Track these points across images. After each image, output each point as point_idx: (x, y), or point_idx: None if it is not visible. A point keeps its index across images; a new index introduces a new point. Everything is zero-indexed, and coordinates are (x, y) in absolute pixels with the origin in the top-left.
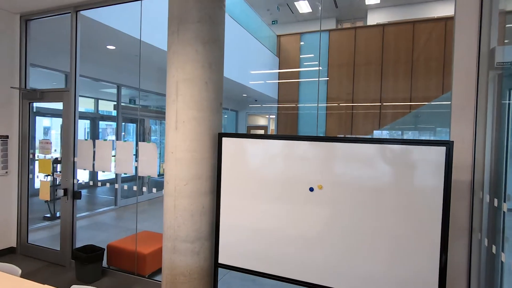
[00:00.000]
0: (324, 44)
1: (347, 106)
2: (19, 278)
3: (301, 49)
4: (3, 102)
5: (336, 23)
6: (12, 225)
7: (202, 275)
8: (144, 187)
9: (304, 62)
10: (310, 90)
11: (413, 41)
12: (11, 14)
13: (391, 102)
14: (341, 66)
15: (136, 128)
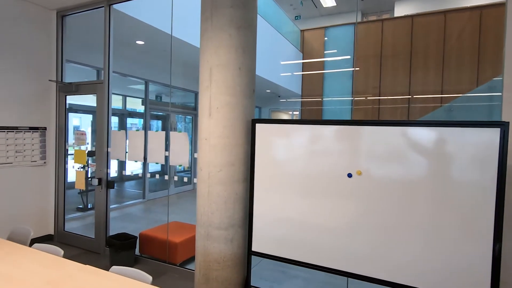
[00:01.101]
0: (350, 37)
1: (374, 100)
2: (62, 258)
3: (325, 44)
4: (41, 95)
5: (362, 17)
6: (50, 213)
7: (235, 262)
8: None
9: (329, 57)
10: (335, 84)
11: (444, 32)
12: (48, 11)
13: (421, 95)
14: (367, 59)
15: (162, 124)
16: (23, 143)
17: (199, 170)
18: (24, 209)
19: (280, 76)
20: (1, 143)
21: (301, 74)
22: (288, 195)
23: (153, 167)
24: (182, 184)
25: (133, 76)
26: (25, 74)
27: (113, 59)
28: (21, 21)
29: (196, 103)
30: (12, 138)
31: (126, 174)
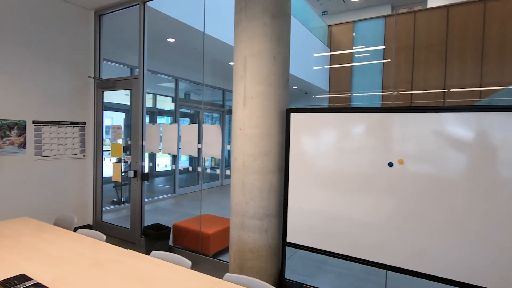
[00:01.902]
0: (379, 31)
1: (405, 95)
2: (105, 243)
3: (354, 39)
4: (81, 91)
5: (392, 10)
6: (88, 204)
7: (270, 252)
8: (207, 169)
9: (357, 52)
10: (364, 79)
11: (483, 22)
12: (87, 11)
13: (457, 88)
14: (398, 52)
15: (190, 122)
16: (65, 137)
17: (233, 160)
18: (65, 199)
19: (307, 72)
20: (46, 137)
21: (328, 70)
22: (324, 186)
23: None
24: (210, 180)
25: (163, 73)
26: (67, 72)
27: (138, 60)
28: (62, 21)
29: (223, 101)
30: (55, 132)
31: (157, 170)
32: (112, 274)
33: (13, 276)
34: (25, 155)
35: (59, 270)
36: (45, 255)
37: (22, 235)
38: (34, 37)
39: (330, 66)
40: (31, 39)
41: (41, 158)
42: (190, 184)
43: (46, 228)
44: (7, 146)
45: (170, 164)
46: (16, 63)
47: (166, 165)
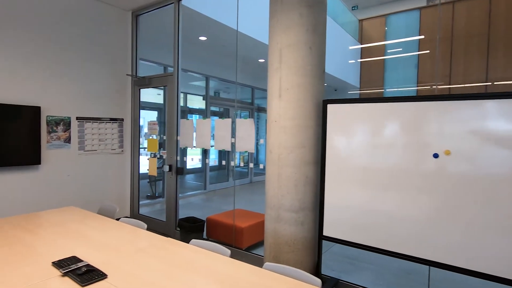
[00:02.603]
0: (414, 24)
1: (443, 90)
2: (146, 231)
3: (386, 33)
4: (119, 89)
5: (427, 1)
6: (126, 197)
7: (306, 246)
8: (241, 163)
9: (391, 47)
10: (397, 73)
11: None
12: (125, 12)
13: (502, 81)
14: (434, 44)
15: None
16: (105, 132)
17: (268, 152)
18: (105, 192)
19: (337, 68)
20: (88, 132)
21: (359, 66)
22: (363, 179)
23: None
24: (240, 177)
25: (194, 72)
26: (106, 70)
27: (173, 57)
28: (103, 23)
29: (252, 98)
30: (96, 128)
31: (187, 167)
32: (155, 259)
33: (66, 257)
34: (70, 149)
35: (105, 254)
36: (92, 241)
37: (70, 223)
38: (78, 39)
39: (362, 60)
40: (75, 41)
41: (84, 153)
42: (220, 180)
43: (91, 217)
44: (54, 140)
45: (200, 161)
46: (64, 64)
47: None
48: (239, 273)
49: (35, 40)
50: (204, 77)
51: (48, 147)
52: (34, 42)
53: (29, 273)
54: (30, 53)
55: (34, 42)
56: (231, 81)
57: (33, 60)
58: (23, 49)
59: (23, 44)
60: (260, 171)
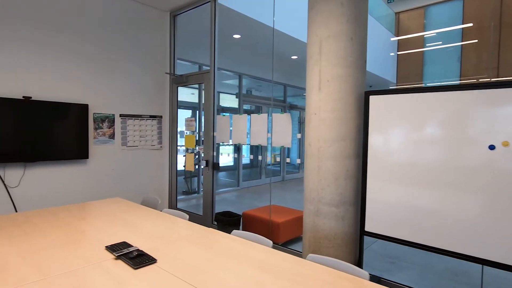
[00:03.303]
0: (457, 13)
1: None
2: (189, 221)
3: (425, 25)
4: (158, 87)
5: None
6: (165, 191)
7: (346, 241)
8: (278, 158)
9: (429, 40)
10: (438, 67)
11: None
12: (163, 12)
13: None
14: (480, 36)
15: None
16: (145, 129)
17: (307, 145)
18: (146, 186)
19: (372, 63)
20: (130, 129)
21: (395, 60)
22: (408, 173)
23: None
24: (272, 175)
25: (227, 70)
26: (146, 69)
27: (209, 54)
28: (143, 23)
29: (285, 96)
30: (138, 125)
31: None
32: (200, 247)
33: (117, 242)
34: (114, 145)
35: (153, 241)
36: (140, 228)
37: (118, 212)
38: (121, 41)
39: (401, 53)
40: (118, 43)
41: (126, 148)
42: (252, 178)
43: (136, 207)
44: (100, 136)
45: (232, 158)
46: (108, 64)
47: (227, 157)
48: (283, 263)
49: (83, 44)
50: (237, 75)
51: (94, 142)
52: (82, 45)
53: (86, 255)
54: (78, 56)
55: (82, 45)
56: (265, 79)
57: (81, 62)
58: (73, 52)
59: (72, 48)
60: (291, 170)
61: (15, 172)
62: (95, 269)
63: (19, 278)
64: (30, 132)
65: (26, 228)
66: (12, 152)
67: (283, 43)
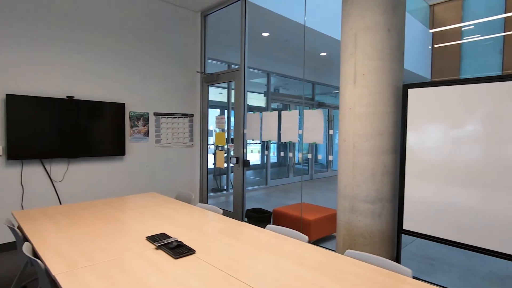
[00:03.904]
0: (499, 3)
1: None
2: (223, 216)
3: (463, 17)
4: (189, 86)
5: None
6: (196, 187)
7: (383, 239)
8: (309, 156)
9: (467, 33)
10: (476, 61)
11: None
12: (194, 13)
13: None
14: None
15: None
16: (177, 127)
17: (342, 141)
18: (178, 182)
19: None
20: (163, 127)
21: (429, 54)
22: (450, 170)
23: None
24: (301, 173)
25: (256, 68)
26: (177, 69)
27: (239, 53)
28: (174, 24)
29: (313, 94)
30: (170, 123)
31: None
32: (236, 240)
33: (157, 234)
34: (148, 142)
35: (190, 232)
36: (176, 221)
37: (155, 206)
38: (154, 42)
39: (438, 45)
40: (152, 43)
41: (160, 145)
42: (280, 176)
43: (171, 201)
44: (135, 134)
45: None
46: (143, 64)
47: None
48: (321, 257)
49: (119, 45)
50: (265, 74)
51: (130, 140)
52: (118, 47)
53: (128, 244)
54: (115, 57)
55: (118, 47)
56: (293, 77)
57: (118, 62)
58: (110, 53)
59: (109, 50)
60: (319, 169)
61: (59, 167)
62: (138, 257)
63: (71, 262)
64: (73, 130)
65: (72, 218)
66: (57, 149)
67: (313, 39)
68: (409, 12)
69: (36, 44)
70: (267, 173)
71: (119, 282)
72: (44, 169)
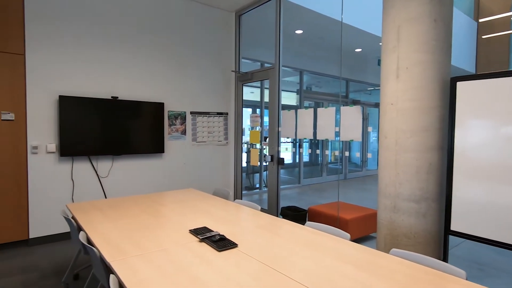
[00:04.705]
0: None
1: None
2: (260, 212)
3: None
4: (224, 86)
5: None
6: (230, 185)
7: (428, 240)
8: (349, 154)
9: None
10: None
11: None
12: (229, 13)
13: None
14: None
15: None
16: (213, 125)
17: (383, 138)
18: (214, 179)
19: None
20: (199, 125)
21: (474, 47)
22: (502, 168)
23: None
24: (334, 173)
25: (288, 66)
26: (213, 68)
27: (272, 51)
28: (209, 24)
29: (347, 91)
30: (206, 122)
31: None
32: (276, 235)
33: (199, 227)
34: (185, 140)
35: (230, 227)
36: (216, 216)
37: (194, 201)
38: (191, 43)
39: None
40: (189, 45)
41: (196, 144)
42: (313, 175)
43: (209, 197)
44: (173, 132)
45: (290, 157)
46: (180, 65)
47: (287, 154)
48: (364, 255)
49: (158, 47)
50: (297, 72)
51: (169, 138)
52: (157, 49)
53: (173, 236)
54: (154, 58)
55: (157, 49)
56: (327, 74)
57: (157, 63)
58: (149, 55)
59: (149, 51)
60: (353, 168)
61: (105, 164)
62: (183, 249)
63: (123, 251)
64: (117, 128)
65: (119, 211)
66: (103, 146)
67: (348, 35)
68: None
69: (83, 49)
70: (300, 172)
71: (169, 271)
72: (92, 166)
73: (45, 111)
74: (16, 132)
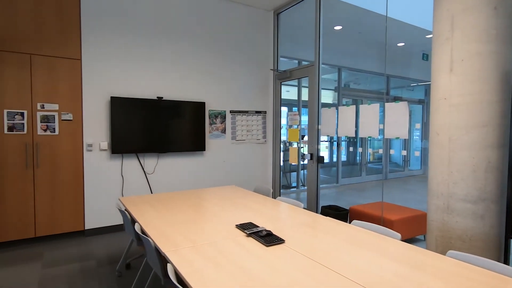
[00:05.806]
0: None
1: None
2: (303, 209)
3: None
4: (262, 84)
5: None
6: (269, 183)
7: (487, 245)
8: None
9: None
10: None
11: None
12: (267, 12)
13: None
14: None
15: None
16: (251, 124)
17: (434, 135)
18: (252, 177)
19: None
20: (238, 124)
21: None
22: None
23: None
24: (374, 172)
25: (326, 64)
26: (252, 68)
27: (307, 49)
28: (248, 23)
29: (388, 88)
30: (245, 120)
31: None
32: (322, 232)
33: (245, 222)
34: (225, 139)
35: (275, 223)
36: (260, 212)
37: (237, 198)
38: (230, 42)
39: None
40: (227, 44)
41: (235, 142)
42: (352, 175)
43: (251, 194)
44: (214, 131)
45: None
46: (219, 64)
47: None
48: (417, 256)
49: (198, 48)
50: (335, 69)
51: (209, 136)
52: (198, 49)
53: (220, 230)
54: (195, 58)
55: (198, 49)
56: (366, 70)
57: (198, 64)
58: (191, 55)
59: (190, 52)
60: (394, 168)
61: (151, 161)
62: (231, 243)
63: (176, 243)
64: (161, 127)
65: (167, 205)
66: (149, 144)
67: (390, 29)
68: None
69: (131, 53)
70: (338, 171)
71: (220, 263)
72: (139, 162)
73: (99, 111)
74: (73, 131)
